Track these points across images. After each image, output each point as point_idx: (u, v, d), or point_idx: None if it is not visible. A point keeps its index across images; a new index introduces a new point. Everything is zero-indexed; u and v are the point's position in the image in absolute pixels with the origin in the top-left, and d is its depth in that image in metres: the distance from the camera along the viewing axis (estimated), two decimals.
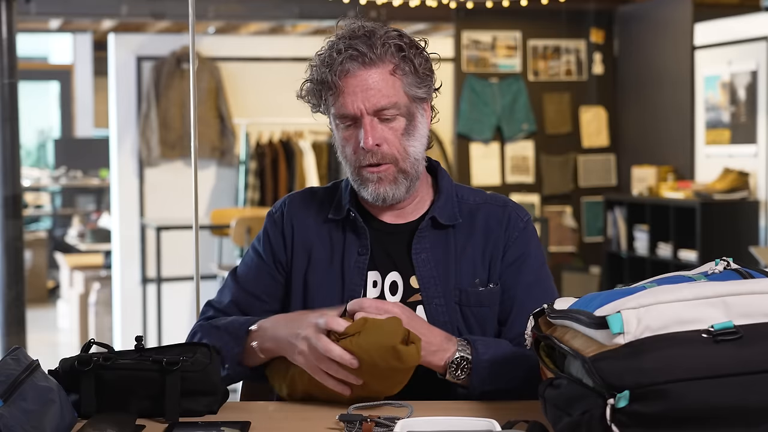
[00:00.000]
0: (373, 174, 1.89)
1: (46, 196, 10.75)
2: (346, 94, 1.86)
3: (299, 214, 2.02)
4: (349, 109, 1.86)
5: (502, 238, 1.96)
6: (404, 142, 1.89)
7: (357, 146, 1.89)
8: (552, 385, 1.53)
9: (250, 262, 2.04)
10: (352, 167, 1.92)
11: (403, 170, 1.90)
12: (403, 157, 1.90)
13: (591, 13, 7.36)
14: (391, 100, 1.86)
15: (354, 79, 1.85)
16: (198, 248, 2.70)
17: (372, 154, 1.87)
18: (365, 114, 1.86)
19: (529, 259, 1.97)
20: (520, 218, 1.99)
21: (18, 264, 4.45)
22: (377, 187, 1.90)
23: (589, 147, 7.45)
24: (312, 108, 1.97)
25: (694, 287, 1.45)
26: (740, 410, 1.35)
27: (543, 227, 6.70)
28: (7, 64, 4.39)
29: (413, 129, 1.91)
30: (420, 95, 1.91)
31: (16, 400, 1.46)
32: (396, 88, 1.87)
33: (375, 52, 1.85)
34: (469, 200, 2.00)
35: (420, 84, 1.90)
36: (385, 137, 1.88)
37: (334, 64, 1.85)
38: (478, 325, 1.92)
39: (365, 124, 1.86)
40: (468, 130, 7.20)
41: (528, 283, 1.95)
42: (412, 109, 1.90)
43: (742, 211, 6.12)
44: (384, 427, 1.58)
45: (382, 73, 1.86)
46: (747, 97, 6.18)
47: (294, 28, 7.98)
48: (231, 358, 1.88)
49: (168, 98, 6.80)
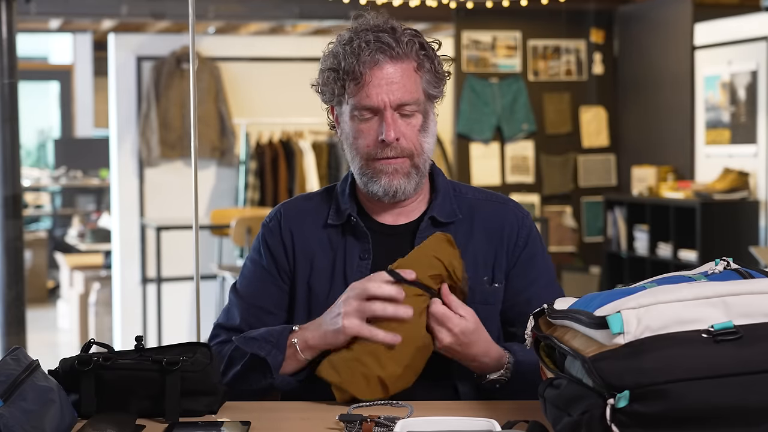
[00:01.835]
0: (389, 165, 1.89)
1: (46, 196, 10.75)
2: (371, 85, 1.86)
3: (297, 222, 1.99)
4: (373, 101, 1.86)
5: (508, 238, 1.96)
6: (420, 138, 1.90)
7: (373, 139, 1.88)
8: (552, 385, 1.53)
9: (251, 276, 2.00)
10: (364, 160, 1.91)
11: (416, 165, 1.91)
12: (418, 152, 1.90)
13: (591, 13, 7.36)
14: (413, 96, 1.88)
15: (381, 71, 1.86)
16: (198, 248, 2.69)
17: (391, 148, 1.88)
18: (388, 107, 1.86)
19: (536, 257, 1.98)
20: (524, 217, 2.00)
21: (18, 264, 4.45)
22: (390, 180, 1.89)
23: (589, 147, 7.45)
24: (325, 98, 1.95)
25: (694, 287, 1.45)
26: (740, 410, 1.35)
27: (543, 227, 6.70)
28: (7, 64, 4.39)
29: (427, 126, 1.92)
30: (435, 94, 1.93)
31: (16, 400, 1.46)
32: (417, 85, 1.89)
33: (402, 48, 1.87)
34: (468, 195, 2.00)
35: (437, 83, 1.93)
36: (404, 132, 1.88)
37: (363, 55, 1.85)
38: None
39: (387, 118, 1.86)
40: (468, 130, 7.20)
41: (535, 280, 1.96)
42: (427, 107, 1.92)
43: (742, 211, 6.12)
44: (384, 427, 1.58)
45: (407, 69, 1.88)
46: (747, 97, 6.18)
47: (294, 28, 7.99)
48: (276, 366, 1.84)
49: (168, 98, 6.80)
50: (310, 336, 1.83)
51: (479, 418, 1.50)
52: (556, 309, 1.57)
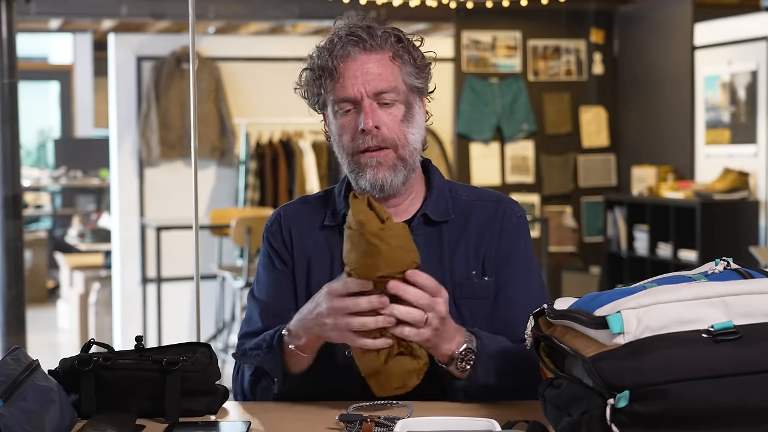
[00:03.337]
0: (372, 158, 1.88)
1: (46, 196, 10.75)
2: (346, 77, 1.86)
3: (295, 224, 1.99)
4: (349, 92, 1.86)
5: (494, 231, 1.95)
6: (403, 129, 1.89)
7: (355, 132, 1.87)
8: (552, 385, 1.53)
9: (267, 282, 1.99)
10: (349, 155, 1.90)
11: (402, 158, 1.89)
12: (402, 143, 1.89)
13: (591, 13, 7.36)
14: (390, 84, 1.87)
15: (354, 63, 1.86)
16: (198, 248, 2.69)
17: (372, 137, 1.86)
18: (365, 97, 1.86)
19: (518, 253, 1.96)
20: (514, 213, 1.99)
21: (18, 264, 4.45)
22: (376, 173, 1.88)
23: (589, 147, 7.45)
24: (309, 101, 1.96)
25: (694, 287, 1.45)
26: (740, 410, 1.35)
27: (543, 227, 6.70)
28: (7, 64, 4.39)
29: (411, 118, 1.91)
30: (417, 85, 1.92)
31: (16, 400, 1.46)
32: (395, 74, 1.88)
33: (375, 40, 1.87)
34: (462, 197, 1.99)
35: (418, 74, 1.91)
36: (384, 121, 1.87)
37: (335, 49, 1.87)
38: (471, 319, 1.90)
39: (365, 107, 1.86)
40: (468, 130, 7.20)
41: (514, 277, 1.94)
42: (410, 98, 1.91)
43: (742, 211, 6.12)
44: (384, 427, 1.58)
45: (381, 59, 1.88)
46: (747, 97, 6.18)
47: (294, 28, 7.99)
48: (276, 371, 1.82)
49: (168, 98, 6.80)
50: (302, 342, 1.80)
51: (479, 418, 1.50)
52: (556, 309, 1.57)
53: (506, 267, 1.94)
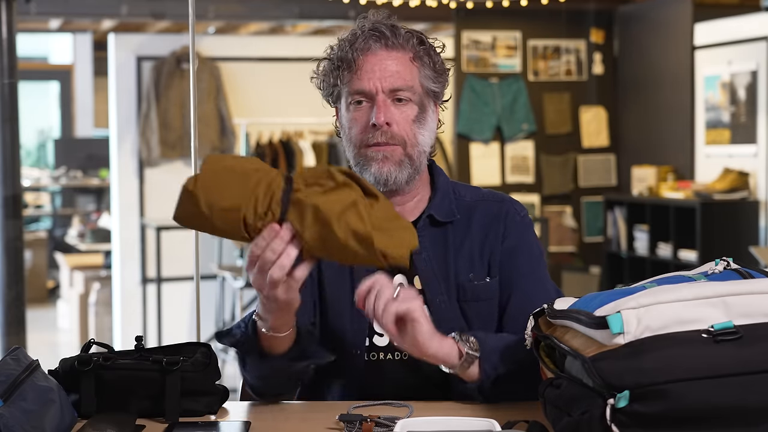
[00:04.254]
0: (379, 152, 1.87)
1: (46, 196, 10.75)
2: (363, 70, 1.87)
3: None
4: (365, 85, 1.86)
5: (499, 230, 1.95)
6: (414, 128, 1.89)
7: (365, 125, 1.87)
8: (552, 385, 1.53)
9: None
10: (356, 147, 1.89)
11: (409, 155, 1.89)
12: (412, 142, 1.88)
13: (591, 13, 7.36)
14: (407, 83, 1.87)
15: (374, 57, 1.87)
16: (198, 248, 2.70)
17: (381, 133, 1.86)
18: (380, 92, 1.86)
19: (525, 249, 1.96)
20: (517, 212, 1.99)
21: (18, 264, 4.45)
22: (381, 167, 1.87)
23: (589, 147, 7.45)
24: (323, 92, 1.95)
25: (694, 287, 1.45)
26: (740, 410, 1.35)
27: (543, 227, 6.70)
28: (7, 64, 4.39)
29: (424, 120, 1.91)
30: (434, 89, 1.92)
31: (16, 400, 1.46)
32: (413, 75, 1.89)
33: (397, 39, 1.88)
34: (466, 198, 1.99)
35: (435, 79, 1.92)
36: (396, 119, 1.87)
37: (356, 42, 1.87)
38: (479, 321, 1.90)
39: (378, 102, 1.86)
40: (468, 130, 7.20)
41: (523, 273, 1.94)
42: (424, 101, 1.91)
43: (742, 211, 6.12)
44: (384, 427, 1.58)
45: (402, 57, 1.88)
46: (747, 97, 6.18)
47: (294, 28, 7.98)
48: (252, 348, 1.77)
49: (168, 98, 6.80)
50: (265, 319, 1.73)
51: (479, 418, 1.50)
52: (556, 309, 1.57)
53: (514, 260, 1.94)
